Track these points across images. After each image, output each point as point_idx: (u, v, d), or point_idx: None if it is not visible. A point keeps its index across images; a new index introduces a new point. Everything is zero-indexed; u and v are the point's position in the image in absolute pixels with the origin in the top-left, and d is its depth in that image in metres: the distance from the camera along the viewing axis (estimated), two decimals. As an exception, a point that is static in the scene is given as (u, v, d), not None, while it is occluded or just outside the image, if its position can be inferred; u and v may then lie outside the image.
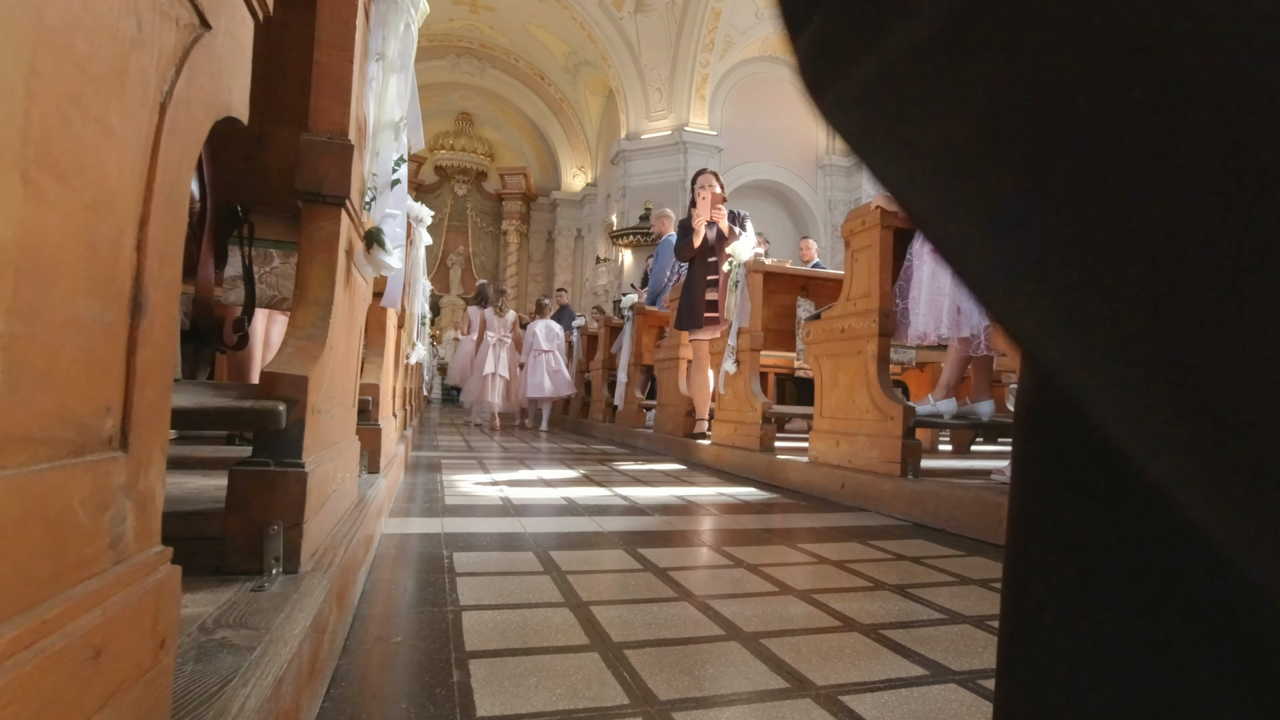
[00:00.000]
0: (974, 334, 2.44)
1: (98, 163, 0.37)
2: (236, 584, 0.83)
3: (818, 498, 2.75)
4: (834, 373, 2.87)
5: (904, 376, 4.42)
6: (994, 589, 1.43)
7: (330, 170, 1.10)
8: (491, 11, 12.36)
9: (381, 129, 1.36)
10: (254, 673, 0.58)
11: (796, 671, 0.94)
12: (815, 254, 7.44)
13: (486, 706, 0.80)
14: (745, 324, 3.62)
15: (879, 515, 2.35)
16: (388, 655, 0.95)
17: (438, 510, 2.13)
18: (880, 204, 2.68)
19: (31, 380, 0.32)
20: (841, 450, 2.75)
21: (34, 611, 0.32)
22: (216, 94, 0.52)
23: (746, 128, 12.20)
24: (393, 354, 2.66)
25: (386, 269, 1.44)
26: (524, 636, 1.04)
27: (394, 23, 1.33)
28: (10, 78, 0.29)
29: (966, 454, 3.91)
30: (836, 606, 1.25)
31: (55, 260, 0.33)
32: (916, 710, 0.83)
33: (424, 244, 3.34)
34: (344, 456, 1.30)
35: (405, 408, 4.09)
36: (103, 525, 0.39)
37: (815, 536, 1.94)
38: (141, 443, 0.43)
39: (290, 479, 0.90)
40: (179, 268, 0.48)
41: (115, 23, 0.37)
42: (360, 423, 1.78)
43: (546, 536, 1.78)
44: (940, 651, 1.03)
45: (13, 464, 0.31)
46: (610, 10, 11.39)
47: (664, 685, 0.88)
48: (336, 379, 1.21)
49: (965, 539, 1.98)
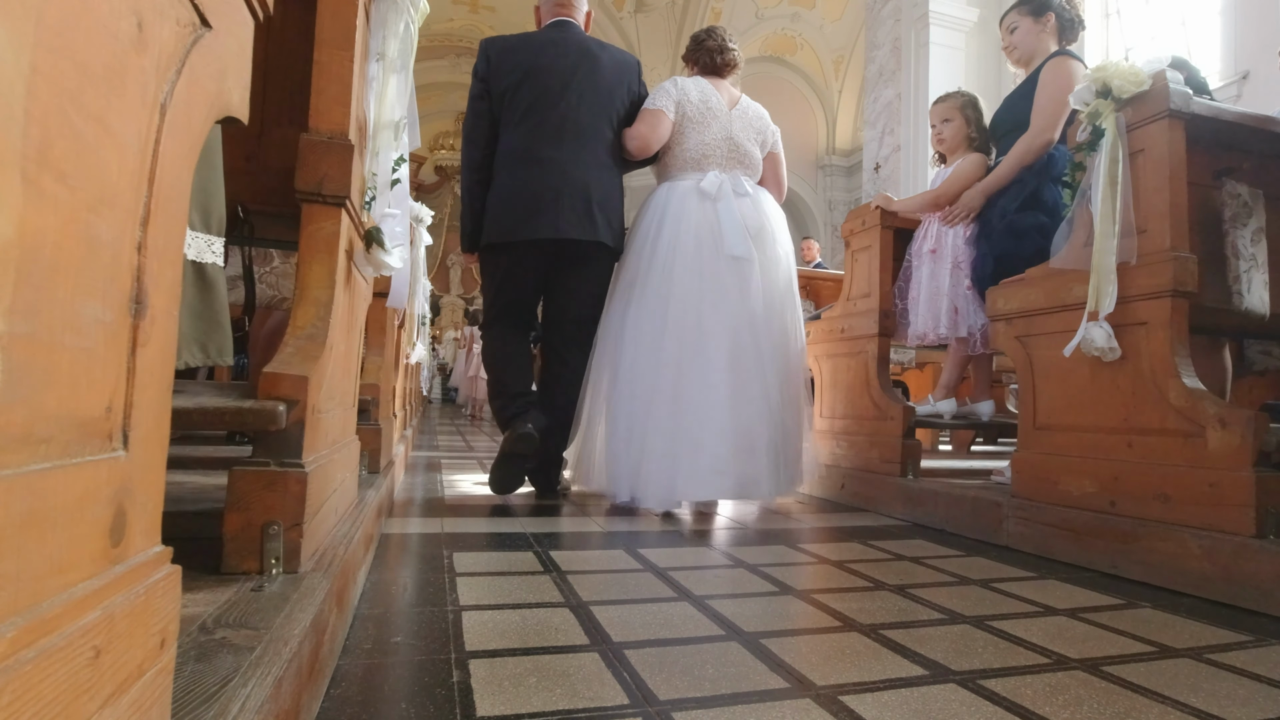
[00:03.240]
0: (971, 334, 2.44)
1: (98, 162, 0.37)
2: (236, 584, 0.83)
3: (818, 498, 2.75)
4: (834, 373, 2.88)
5: (904, 376, 4.42)
6: (994, 589, 1.43)
7: (330, 170, 1.10)
8: (492, 11, 12.36)
9: (381, 129, 1.36)
10: (254, 673, 0.58)
11: (796, 671, 0.94)
12: (817, 254, 7.44)
13: (486, 706, 0.80)
14: (745, 324, 3.62)
15: (879, 515, 2.35)
16: (388, 655, 0.95)
17: (438, 510, 2.13)
18: (880, 204, 2.68)
19: (31, 380, 0.32)
20: (841, 450, 2.75)
21: (34, 611, 0.32)
22: (217, 94, 0.52)
23: (746, 128, 12.19)
24: (393, 354, 2.66)
25: (386, 269, 1.44)
26: (524, 636, 1.03)
27: (394, 23, 1.33)
28: (10, 77, 0.29)
29: (966, 454, 3.91)
30: (836, 606, 1.25)
31: (55, 260, 0.33)
32: (916, 710, 0.83)
33: (424, 244, 3.34)
34: (344, 456, 1.30)
35: (405, 408, 4.09)
36: (103, 525, 0.39)
37: (815, 536, 1.94)
38: (141, 443, 0.43)
39: (290, 479, 0.90)
40: (179, 268, 0.48)
41: (115, 23, 0.37)
42: (360, 423, 1.78)
43: (546, 536, 1.78)
44: (940, 651, 1.03)
45: (13, 464, 0.31)
46: (610, 10, 11.39)
47: (664, 685, 0.88)
48: (336, 379, 1.21)
49: (965, 539, 1.98)
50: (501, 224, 2.29)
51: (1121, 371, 1.71)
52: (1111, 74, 1.69)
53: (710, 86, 2.48)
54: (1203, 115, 1.68)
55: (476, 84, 2.39)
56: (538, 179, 2.27)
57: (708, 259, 2.30)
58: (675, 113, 2.41)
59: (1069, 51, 2.36)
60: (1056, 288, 1.87)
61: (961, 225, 2.49)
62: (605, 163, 2.38)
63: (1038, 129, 2.30)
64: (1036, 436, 1.94)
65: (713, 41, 2.54)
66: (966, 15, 7.43)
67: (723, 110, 2.45)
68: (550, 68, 2.33)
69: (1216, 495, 1.47)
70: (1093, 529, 1.68)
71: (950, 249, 2.49)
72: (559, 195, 2.27)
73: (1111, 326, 1.68)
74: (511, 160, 2.31)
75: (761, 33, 11.77)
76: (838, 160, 12.79)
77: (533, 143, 2.30)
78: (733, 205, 2.36)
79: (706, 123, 2.42)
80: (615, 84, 2.41)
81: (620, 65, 2.45)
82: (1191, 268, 1.60)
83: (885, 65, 7.86)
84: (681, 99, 2.42)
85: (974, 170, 2.55)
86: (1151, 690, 0.92)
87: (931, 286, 2.51)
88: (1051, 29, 2.39)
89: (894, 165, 7.66)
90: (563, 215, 2.26)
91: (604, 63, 2.40)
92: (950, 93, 2.76)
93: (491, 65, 2.36)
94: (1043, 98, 2.30)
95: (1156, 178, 1.66)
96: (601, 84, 2.37)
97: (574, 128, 2.33)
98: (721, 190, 2.37)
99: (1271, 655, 1.09)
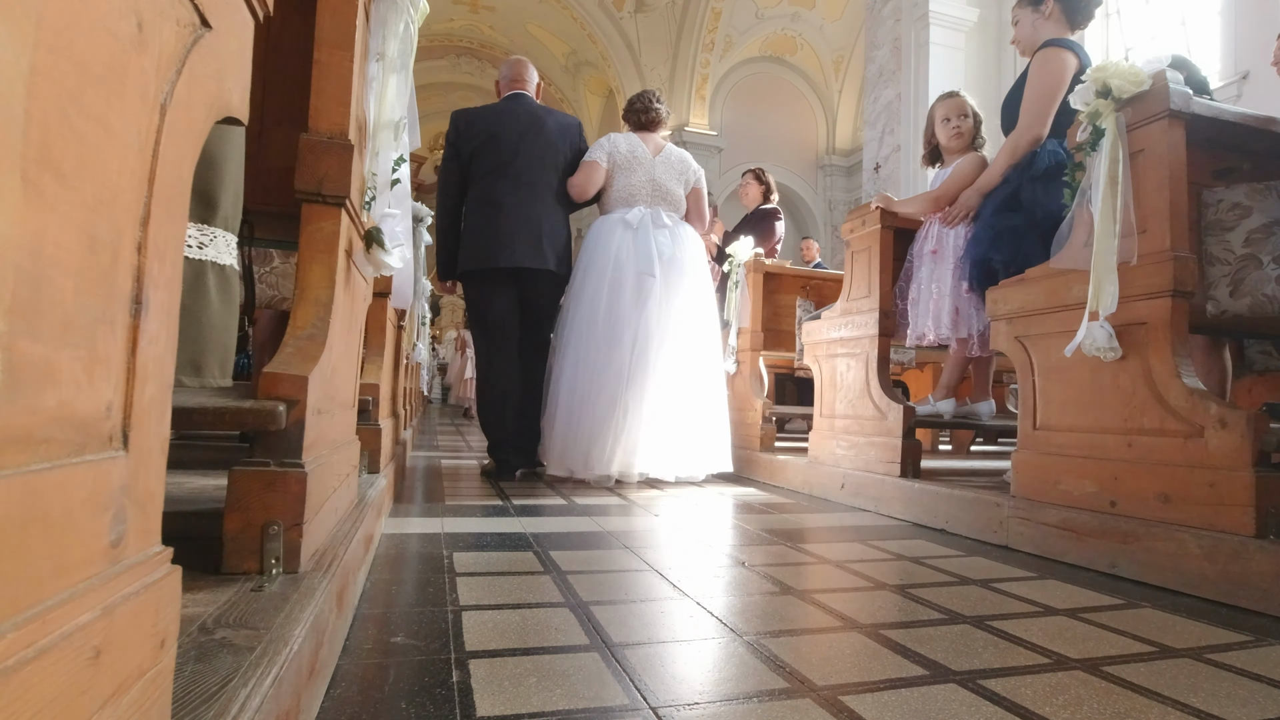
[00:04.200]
0: (971, 335, 2.44)
1: (98, 162, 0.37)
2: (236, 584, 0.83)
3: (818, 498, 2.75)
4: (834, 373, 2.88)
5: (904, 376, 4.42)
6: (994, 589, 1.43)
7: (330, 170, 1.10)
8: (491, 11, 12.36)
9: (381, 129, 1.36)
10: (254, 673, 0.58)
11: (797, 671, 0.94)
12: (817, 254, 7.43)
13: (486, 706, 0.80)
14: (745, 324, 3.62)
15: (879, 515, 2.35)
16: (388, 655, 0.95)
17: (438, 510, 2.13)
18: (880, 204, 2.68)
19: (31, 380, 0.32)
20: (841, 450, 2.75)
21: (34, 611, 0.32)
22: (217, 94, 0.52)
23: (746, 128, 12.20)
24: (393, 354, 2.66)
25: (386, 269, 1.44)
26: (524, 636, 1.03)
27: (394, 23, 1.33)
28: (10, 77, 0.29)
29: (966, 454, 3.91)
30: (836, 606, 1.25)
31: (56, 260, 0.33)
32: (916, 710, 0.83)
33: (424, 244, 3.34)
34: (344, 456, 1.29)
35: (405, 408, 4.09)
36: (103, 525, 0.39)
37: (815, 536, 1.94)
38: (141, 443, 0.43)
39: (290, 479, 0.90)
40: (179, 267, 0.48)
41: (115, 23, 0.37)
42: (360, 423, 1.78)
43: (546, 536, 1.78)
44: (940, 651, 1.03)
45: (13, 464, 0.31)
46: (610, 10, 11.39)
47: (664, 685, 0.88)
48: (336, 379, 1.21)
49: (965, 539, 1.98)
50: (476, 255, 2.90)
51: (1121, 371, 1.71)
52: (1111, 74, 1.69)
53: (638, 139, 3.13)
54: (1203, 115, 1.69)
55: (448, 148, 3.03)
56: (500, 220, 2.88)
57: (629, 277, 2.95)
58: (607, 161, 3.05)
59: (1059, 41, 2.30)
60: (1056, 288, 1.87)
61: (962, 226, 2.49)
62: (552, 206, 2.99)
63: (1024, 126, 2.29)
64: (1036, 436, 1.94)
65: (640, 103, 3.22)
66: (966, 15, 7.43)
67: (648, 158, 3.11)
68: (506, 133, 2.95)
69: (1216, 495, 1.47)
70: (1093, 529, 1.68)
71: (951, 249, 2.49)
72: (515, 234, 2.87)
73: (1112, 326, 1.68)
74: (480, 206, 2.92)
75: (761, 33, 11.77)
76: (838, 160, 12.78)
77: (495, 192, 2.90)
78: (650, 235, 3.01)
79: (633, 168, 3.07)
80: (559, 142, 3.02)
81: (563, 127, 3.07)
82: (1191, 268, 1.60)
83: (885, 65, 7.86)
84: (612, 150, 3.07)
85: (973, 170, 2.56)
86: (1151, 690, 0.92)
87: (931, 287, 2.51)
88: (1053, 15, 2.34)
89: (894, 165, 7.66)
90: (519, 248, 2.86)
91: (549, 126, 3.01)
92: (954, 91, 2.77)
93: (460, 133, 2.98)
94: (1029, 93, 2.29)
95: (1156, 178, 1.66)
96: (547, 144, 2.98)
97: (527, 179, 2.93)
98: (642, 223, 3.02)
99: (1271, 655, 1.09)
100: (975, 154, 2.63)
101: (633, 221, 3.01)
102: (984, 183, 2.44)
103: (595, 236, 3.05)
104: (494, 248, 2.85)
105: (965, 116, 2.67)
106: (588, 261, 3.01)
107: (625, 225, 3.01)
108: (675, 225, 3.10)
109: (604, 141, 3.10)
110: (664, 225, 3.06)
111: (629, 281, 2.93)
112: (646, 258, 2.95)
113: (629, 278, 2.94)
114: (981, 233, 2.35)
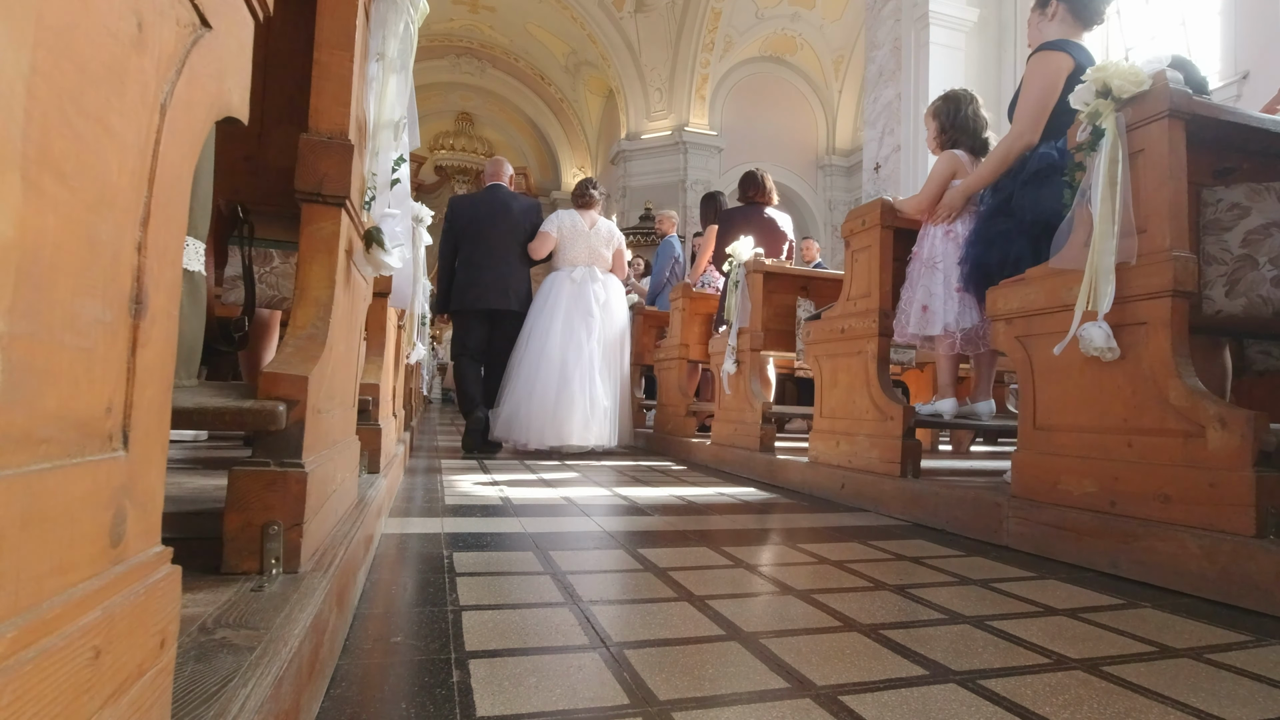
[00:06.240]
0: (949, 332, 2.46)
1: (98, 162, 0.37)
2: (236, 584, 0.83)
3: (818, 498, 2.75)
4: (834, 373, 2.88)
5: (904, 376, 4.42)
6: (994, 589, 1.43)
7: (330, 170, 1.10)
8: (491, 11, 12.36)
9: (381, 129, 1.36)
10: (254, 673, 0.58)
11: (796, 671, 0.94)
12: (817, 254, 7.44)
13: (486, 706, 0.80)
14: (745, 324, 3.62)
15: (879, 515, 2.35)
16: (388, 655, 0.95)
17: (438, 510, 2.13)
18: (879, 204, 2.69)
19: (31, 380, 0.32)
20: (841, 450, 2.75)
21: (34, 611, 0.32)
22: (217, 94, 0.52)
23: (746, 128, 12.20)
24: (393, 354, 2.66)
25: (386, 269, 1.44)
26: (524, 636, 1.03)
27: (394, 23, 1.33)
28: (10, 78, 0.29)
29: (966, 454, 3.91)
30: (836, 606, 1.25)
31: (55, 260, 0.33)
32: (916, 710, 0.83)
33: (424, 244, 3.34)
34: (344, 456, 1.30)
35: (405, 408, 4.09)
36: (103, 525, 0.39)
37: (815, 536, 1.94)
38: (141, 443, 0.43)
39: (290, 479, 0.90)
40: (179, 268, 0.48)
41: (115, 23, 0.37)
42: (360, 423, 1.78)
43: (546, 536, 1.78)
44: (940, 651, 1.03)
45: (13, 464, 0.31)
46: (610, 10, 11.39)
47: (664, 685, 0.88)
48: (336, 379, 1.21)
49: (965, 539, 1.98)
50: (462, 300, 4.25)
51: (1121, 371, 1.71)
52: (1111, 74, 1.69)
53: (579, 215, 4.47)
54: (1203, 115, 1.68)
55: (446, 223, 4.34)
56: (478, 276, 4.23)
57: (574, 316, 4.30)
58: (557, 232, 4.39)
59: (1053, 43, 2.29)
60: (1056, 288, 1.87)
61: (943, 225, 2.55)
62: (516, 265, 4.31)
63: (1015, 133, 2.30)
64: (1036, 436, 1.94)
65: (579, 189, 4.57)
66: (966, 15, 7.42)
67: (584, 230, 4.45)
68: (483, 216, 4.29)
69: (1216, 495, 1.47)
70: (1093, 529, 1.68)
71: (927, 248, 2.54)
72: (489, 285, 4.22)
73: (1111, 326, 1.68)
74: (464, 265, 4.27)
75: (761, 33, 11.77)
76: (838, 160, 12.79)
77: (475, 255, 4.25)
78: (588, 287, 4.39)
79: (575, 238, 4.42)
80: (522, 220, 4.35)
81: (525, 209, 4.40)
82: (1191, 268, 1.60)
83: (885, 65, 7.86)
84: (560, 224, 4.41)
85: (943, 168, 2.65)
86: (1151, 690, 0.92)
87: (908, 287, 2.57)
88: (1058, 17, 2.33)
89: (894, 165, 7.66)
90: (491, 295, 4.22)
91: (514, 209, 4.32)
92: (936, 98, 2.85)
93: (455, 214, 4.35)
94: (1022, 98, 2.31)
95: (1156, 177, 1.65)
96: (513, 222, 4.31)
97: (499, 248, 4.26)
98: (583, 278, 4.39)
99: (1271, 655, 1.09)
100: (945, 152, 2.70)
101: (576, 278, 4.38)
102: (970, 185, 2.50)
103: (549, 286, 4.38)
104: (473, 294, 4.21)
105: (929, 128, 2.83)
106: (542, 302, 4.32)
107: (571, 280, 4.36)
108: (606, 278, 4.51)
109: (554, 217, 4.44)
110: (597, 280, 4.45)
111: (572, 318, 4.28)
112: (587, 303, 4.34)
113: (573, 316, 4.29)
114: (976, 236, 2.38)
